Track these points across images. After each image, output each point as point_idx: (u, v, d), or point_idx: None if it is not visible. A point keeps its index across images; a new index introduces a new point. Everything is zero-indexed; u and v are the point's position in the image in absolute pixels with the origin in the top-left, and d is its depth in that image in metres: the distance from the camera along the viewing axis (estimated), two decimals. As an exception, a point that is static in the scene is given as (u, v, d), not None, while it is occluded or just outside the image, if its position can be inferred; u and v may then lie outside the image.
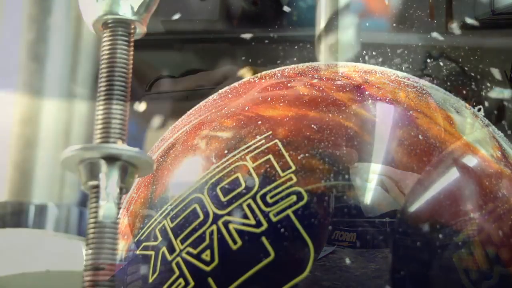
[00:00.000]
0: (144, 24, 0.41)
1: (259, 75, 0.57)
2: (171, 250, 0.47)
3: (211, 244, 0.45)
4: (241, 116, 0.50)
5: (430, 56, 0.87)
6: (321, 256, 0.44)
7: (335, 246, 0.44)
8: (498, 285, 0.46)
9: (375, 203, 0.46)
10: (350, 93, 0.50)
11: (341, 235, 0.45)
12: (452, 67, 0.87)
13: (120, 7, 0.40)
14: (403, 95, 0.51)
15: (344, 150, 0.46)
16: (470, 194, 0.47)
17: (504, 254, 0.47)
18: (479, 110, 0.83)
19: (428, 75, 0.86)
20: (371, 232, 0.45)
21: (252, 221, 0.45)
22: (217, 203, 0.46)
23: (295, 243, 0.44)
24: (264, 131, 0.48)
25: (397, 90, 0.52)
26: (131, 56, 0.40)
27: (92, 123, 0.40)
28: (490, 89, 0.85)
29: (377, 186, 0.46)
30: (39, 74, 0.75)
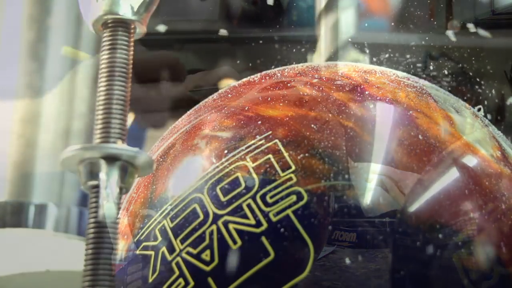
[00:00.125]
0: (144, 24, 0.41)
1: (259, 75, 0.57)
2: (171, 250, 0.47)
3: (211, 244, 0.45)
4: (241, 116, 0.50)
5: (430, 56, 0.87)
6: (321, 256, 0.44)
7: (335, 246, 0.44)
8: (498, 285, 0.46)
9: (375, 203, 0.46)
10: (350, 93, 0.50)
11: (341, 235, 0.45)
12: (452, 67, 0.87)
13: (120, 7, 0.40)
14: (403, 95, 0.51)
15: (344, 149, 0.46)
16: (470, 194, 0.47)
17: (504, 254, 0.47)
18: (479, 110, 0.83)
19: (428, 75, 0.86)
20: (371, 232, 0.45)
21: (252, 221, 0.45)
22: (217, 203, 0.46)
23: (295, 243, 0.44)
24: (264, 131, 0.48)
25: (397, 90, 0.52)
26: (131, 56, 0.40)
27: (92, 123, 0.40)
28: (490, 89, 0.85)
29: (377, 186, 0.46)
30: (39, 74, 0.75)
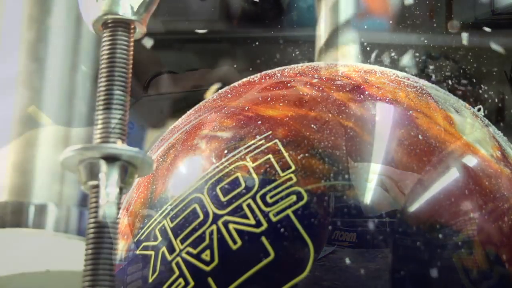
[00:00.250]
0: (144, 24, 0.41)
1: (259, 75, 0.57)
2: (171, 250, 0.47)
3: (211, 244, 0.45)
4: (241, 116, 0.50)
5: (430, 56, 0.87)
6: (321, 256, 0.44)
7: (335, 246, 0.44)
8: (498, 285, 0.46)
9: (375, 203, 0.46)
10: (350, 93, 0.50)
11: (341, 235, 0.45)
12: (452, 67, 0.87)
13: (120, 7, 0.40)
14: (403, 95, 0.51)
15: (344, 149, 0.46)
16: (470, 194, 0.47)
17: (504, 254, 0.47)
18: (479, 110, 0.83)
19: (428, 75, 0.86)
20: (371, 232, 0.45)
21: (252, 221, 0.45)
22: (217, 203, 0.46)
23: (295, 243, 0.44)
24: (264, 131, 0.48)
25: (397, 90, 0.52)
26: (131, 56, 0.40)
27: (92, 123, 0.40)
28: (490, 89, 0.85)
29: (377, 186, 0.46)
30: (39, 74, 0.75)
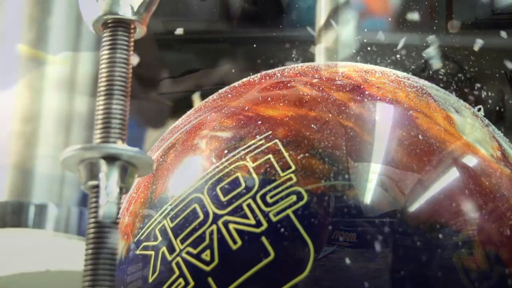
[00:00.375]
0: (144, 24, 0.41)
1: (259, 75, 0.57)
2: (171, 250, 0.47)
3: (211, 244, 0.45)
4: (241, 116, 0.50)
5: (430, 56, 0.87)
6: (321, 256, 0.44)
7: (335, 246, 0.44)
8: (498, 285, 0.46)
9: (375, 203, 0.46)
10: (350, 93, 0.50)
11: (341, 235, 0.45)
12: (451, 67, 0.87)
13: (120, 7, 0.40)
14: (403, 95, 0.51)
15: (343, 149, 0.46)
16: (470, 194, 0.47)
17: (504, 254, 0.47)
18: (479, 110, 0.83)
19: (428, 75, 0.86)
20: (371, 232, 0.45)
21: (252, 221, 0.45)
22: (217, 203, 0.46)
23: (295, 243, 0.44)
24: (264, 131, 0.48)
25: (397, 90, 0.52)
26: (131, 56, 0.40)
27: (92, 123, 0.40)
28: (490, 89, 0.85)
29: (377, 186, 0.46)
30: (39, 73, 0.75)
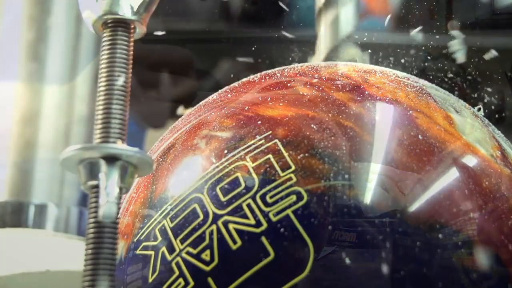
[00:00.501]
0: (144, 24, 0.41)
1: (259, 75, 0.57)
2: (171, 250, 0.47)
3: (211, 244, 0.45)
4: (241, 116, 0.50)
5: (430, 56, 0.87)
6: (321, 256, 0.44)
7: (335, 246, 0.44)
8: (498, 285, 0.46)
9: (375, 203, 0.46)
10: (350, 93, 0.50)
11: (341, 235, 0.45)
12: (451, 67, 0.87)
13: (120, 7, 0.40)
14: (403, 95, 0.51)
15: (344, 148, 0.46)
16: (470, 194, 0.47)
17: (504, 254, 0.47)
18: (479, 110, 0.83)
19: (428, 75, 0.85)
20: (371, 232, 0.45)
21: (251, 221, 0.45)
22: (217, 203, 0.46)
23: (295, 243, 0.44)
24: (264, 131, 0.48)
25: (397, 90, 0.52)
26: (131, 56, 0.40)
27: (92, 123, 0.40)
28: (490, 89, 0.85)
29: (377, 186, 0.46)
30: (39, 74, 0.75)
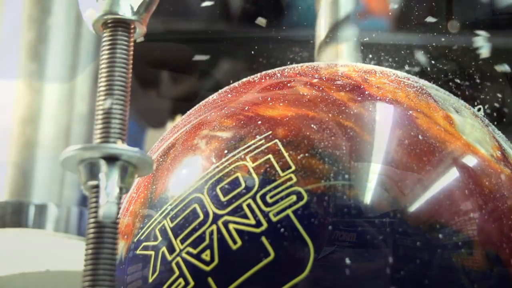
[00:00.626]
0: (144, 24, 0.41)
1: (259, 75, 0.57)
2: (171, 250, 0.47)
3: (211, 244, 0.45)
4: (241, 116, 0.50)
5: (430, 56, 0.87)
6: (321, 256, 0.44)
7: (335, 246, 0.44)
8: (498, 285, 0.46)
9: (375, 203, 0.46)
10: (350, 93, 0.50)
11: (341, 235, 0.45)
12: (451, 67, 0.87)
13: (120, 7, 0.40)
14: (403, 95, 0.51)
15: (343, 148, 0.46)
16: (470, 194, 0.47)
17: (504, 254, 0.47)
18: (479, 110, 0.83)
19: (428, 75, 0.86)
20: (371, 232, 0.45)
21: (252, 221, 0.45)
22: (217, 203, 0.46)
23: (295, 243, 0.44)
24: (264, 131, 0.48)
25: (397, 90, 0.52)
26: (131, 56, 0.40)
27: (92, 123, 0.40)
28: (490, 89, 0.85)
29: (377, 186, 0.46)
30: (39, 74, 0.75)
